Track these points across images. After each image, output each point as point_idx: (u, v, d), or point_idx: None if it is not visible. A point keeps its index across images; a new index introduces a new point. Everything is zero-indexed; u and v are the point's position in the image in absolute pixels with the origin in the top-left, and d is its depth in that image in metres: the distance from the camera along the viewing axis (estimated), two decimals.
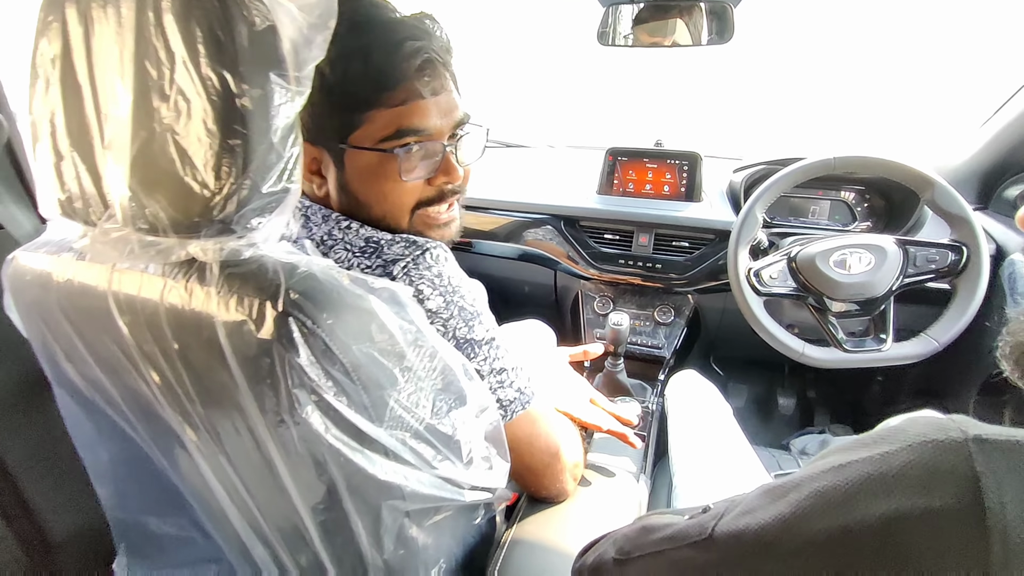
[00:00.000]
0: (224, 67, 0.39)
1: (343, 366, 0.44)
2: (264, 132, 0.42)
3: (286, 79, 0.42)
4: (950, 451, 0.30)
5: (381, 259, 0.57)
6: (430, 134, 0.59)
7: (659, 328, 1.30)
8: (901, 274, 0.95)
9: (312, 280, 0.44)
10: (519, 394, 0.61)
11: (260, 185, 0.43)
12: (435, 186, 0.62)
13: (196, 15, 0.39)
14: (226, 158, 0.41)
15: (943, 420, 0.33)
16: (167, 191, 0.42)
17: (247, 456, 0.51)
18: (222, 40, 0.39)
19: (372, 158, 0.58)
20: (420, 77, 0.56)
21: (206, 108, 0.40)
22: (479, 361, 0.58)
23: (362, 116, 0.57)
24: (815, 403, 1.66)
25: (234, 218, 0.43)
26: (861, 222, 1.26)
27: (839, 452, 0.38)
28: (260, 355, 0.43)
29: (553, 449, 0.65)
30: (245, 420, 0.48)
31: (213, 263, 0.45)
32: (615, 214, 1.27)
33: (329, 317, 0.43)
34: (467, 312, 0.57)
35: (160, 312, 0.46)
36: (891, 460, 0.32)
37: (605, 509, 0.70)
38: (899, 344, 0.96)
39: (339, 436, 0.45)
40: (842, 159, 0.97)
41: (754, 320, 0.98)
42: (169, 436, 0.55)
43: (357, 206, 0.61)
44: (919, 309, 1.07)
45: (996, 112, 1.13)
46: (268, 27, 0.41)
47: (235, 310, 0.43)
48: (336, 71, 0.54)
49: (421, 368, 0.47)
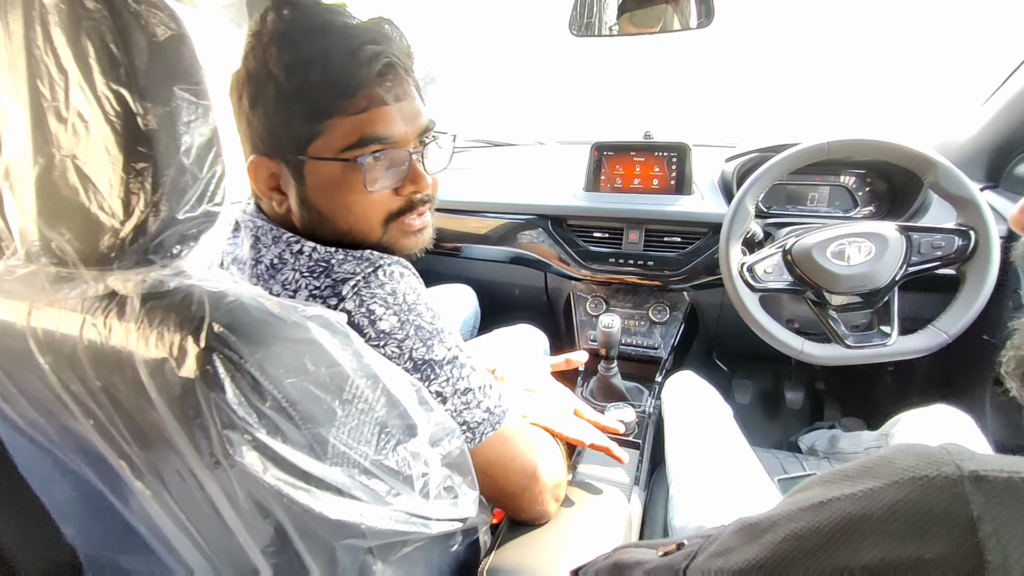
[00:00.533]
0: (121, 84, 0.36)
1: (276, 402, 0.40)
2: (173, 153, 0.38)
3: (196, 93, 0.39)
4: (943, 490, 0.26)
5: (331, 279, 0.53)
6: (394, 141, 0.55)
7: (655, 327, 1.25)
8: (904, 263, 0.89)
9: (239, 311, 0.41)
10: (488, 414, 0.57)
11: (176, 210, 0.39)
12: (403, 196, 0.59)
13: (86, 27, 0.35)
14: (133, 183, 0.37)
15: (935, 452, 0.28)
16: (72, 222, 0.38)
17: (191, 498, 0.47)
18: (116, 55, 0.36)
19: (334, 169, 0.55)
20: (381, 82, 0.53)
21: (106, 130, 0.36)
22: (440, 383, 0.54)
23: (321, 125, 0.53)
24: (824, 396, 1.60)
25: (150, 247, 0.40)
26: (863, 207, 1.20)
27: (820, 485, 0.33)
28: (185, 395, 0.40)
29: (530, 470, 0.61)
30: (183, 461, 0.44)
31: (134, 296, 0.42)
32: (603, 211, 1.23)
33: (257, 350, 0.40)
34: (425, 331, 0.53)
35: (80, 350, 0.42)
36: (877, 499, 0.28)
37: (591, 530, 0.66)
38: (905, 337, 0.90)
39: (279, 476, 0.42)
40: (837, 143, 0.91)
41: (749, 317, 0.93)
42: (115, 476, 0.52)
43: (321, 221, 0.58)
44: (925, 297, 1.01)
45: (1001, 85, 1.06)
46: (172, 37, 0.38)
47: (155, 347, 0.40)
48: (292, 79, 0.51)
49: (361, 400, 0.43)
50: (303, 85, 0.52)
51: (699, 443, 0.90)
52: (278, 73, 0.51)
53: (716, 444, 0.89)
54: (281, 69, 0.51)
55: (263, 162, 0.56)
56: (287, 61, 0.51)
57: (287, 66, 0.51)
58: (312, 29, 0.52)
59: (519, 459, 0.60)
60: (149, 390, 0.41)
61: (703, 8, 1.12)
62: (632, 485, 0.81)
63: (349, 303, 0.51)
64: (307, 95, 0.52)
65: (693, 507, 0.80)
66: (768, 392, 1.66)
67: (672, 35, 1.18)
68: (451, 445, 0.51)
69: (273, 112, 0.53)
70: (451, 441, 0.51)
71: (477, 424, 0.56)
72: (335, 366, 0.42)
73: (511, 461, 0.60)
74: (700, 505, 0.79)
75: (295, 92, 0.52)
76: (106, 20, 0.35)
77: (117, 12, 0.36)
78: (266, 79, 0.52)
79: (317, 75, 0.51)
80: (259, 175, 0.56)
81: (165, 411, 0.41)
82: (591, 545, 0.63)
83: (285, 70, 0.51)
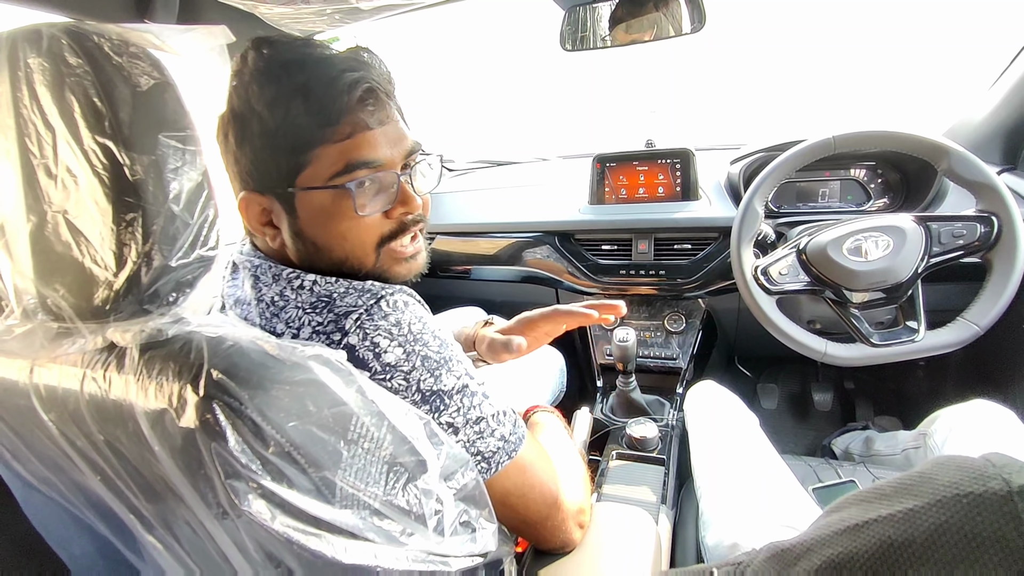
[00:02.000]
0: (106, 137, 0.36)
1: (279, 447, 0.39)
2: (162, 200, 0.38)
3: (183, 139, 0.39)
4: (992, 510, 0.24)
5: (333, 313, 0.52)
6: (381, 164, 0.55)
7: (671, 337, 1.22)
8: (925, 255, 0.86)
9: (237, 355, 0.40)
10: (503, 443, 0.55)
11: (169, 258, 0.39)
12: (394, 218, 0.59)
13: (70, 83, 0.36)
14: (124, 234, 0.37)
15: (979, 465, 0.26)
16: (66, 277, 0.38)
17: (202, 550, 0.46)
18: (100, 108, 0.36)
19: (325, 198, 0.55)
20: (363, 107, 0.53)
21: (94, 183, 0.36)
22: (451, 413, 0.52)
23: (308, 155, 0.53)
24: (855, 395, 1.55)
25: (144, 297, 0.39)
26: (877, 200, 1.17)
27: (855, 505, 0.31)
28: (186, 446, 0.39)
29: (551, 498, 0.59)
30: (191, 512, 0.43)
31: (132, 347, 0.41)
32: (609, 223, 1.21)
33: (257, 394, 0.38)
34: (432, 361, 0.52)
35: (82, 405, 0.42)
36: (918, 521, 0.26)
37: (620, 556, 0.63)
38: (934, 332, 0.86)
39: (288, 523, 0.40)
40: (842, 137, 0.89)
41: (767, 322, 0.90)
42: (127, 530, 0.51)
43: (316, 252, 0.57)
44: (952, 288, 0.97)
45: (1009, 65, 1.04)
46: (155, 85, 0.38)
47: (155, 397, 0.39)
48: (276, 114, 0.51)
49: (367, 439, 0.41)
50: (286, 118, 0.52)
51: (726, 456, 0.87)
52: (261, 110, 0.51)
53: (744, 456, 0.86)
54: (264, 105, 0.51)
55: (253, 198, 0.56)
56: (269, 97, 0.51)
57: (270, 102, 0.51)
58: (291, 63, 0.52)
59: (538, 487, 0.58)
60: (151, 442, 0.40)
61: (695, 13, 1.12)
62: (659, 504, 0.79)
63: (353, 337, 0.50)
64: (291, 128, 0.52)
65: (725, 524, 0.76)
66: (795, 395, 1.61)
67: (666, 41, 1.17)
68: (465, 478, 0.49)
69: (260, 148, 0.53)
70: (465, 474, 0.49)
71: (492, 453, 0.54)
72: (338, 406, 0.41)
73: (530, 489, 0.58)
74: (733, 521, 0.76)
75: (279, 126, 0.52)
76: (88, 75, 0.35)
77: (99, 66, 0.36)
78: (250, 116, 0.52)
79: (299, 107, 0.52)
80: (250, 211, 0.56)
81: (169, 463, 0.40)
82: (619, 572, 0.60)
83: (268, 106, 0.51)
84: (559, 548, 0.62)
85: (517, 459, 0.56)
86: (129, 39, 0.38)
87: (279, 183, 0.55)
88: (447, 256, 1.40)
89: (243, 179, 0.55)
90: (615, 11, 1.18)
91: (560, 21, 1.08)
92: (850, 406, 1.54)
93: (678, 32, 1.15)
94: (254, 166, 0.54)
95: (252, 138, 0.53)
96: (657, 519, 0.73)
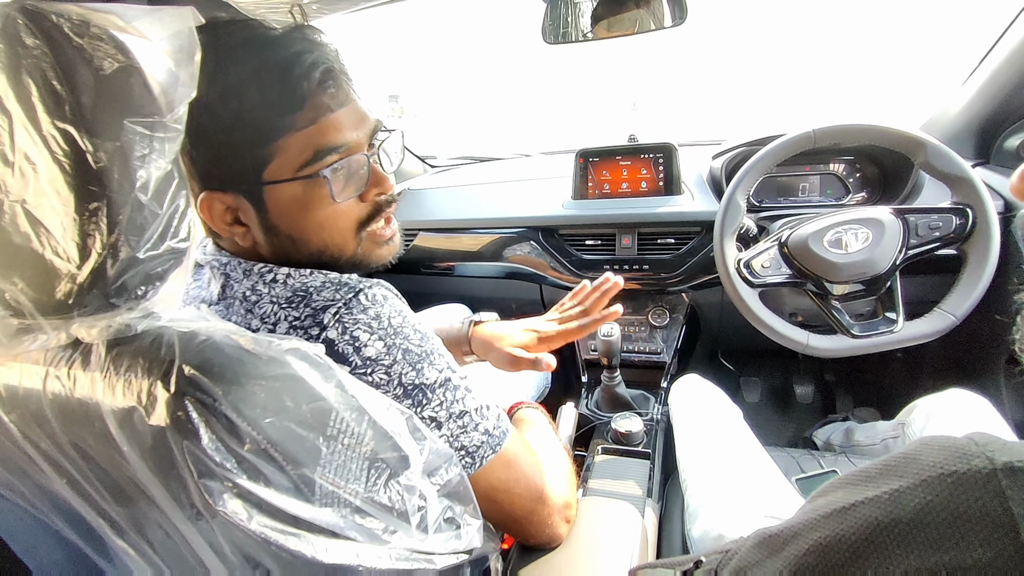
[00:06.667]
0: (67, 122, 0.34)
1: (255, 444, 0.38)
2: (128, 189, 0.36)
3: (150, 125, 0.37)
4: (976, 486, 0.24)
5: (310, 307, 0.51)
6: (349, 148, 0.53)
7: (655, 332, 1.23)
8: (903, 246, 0.87)
9: (211, 350, 0.39)
10: (487, 437, 0.54)
11: (137, 249, 0.37)
12: (368, 201, 0.57)
13: (27, 65, 0.34)
14: (87, 225, 0.35)
15: (962, 444, 0.26)
16: (25, 270, 0.36)
17: (176, 553, 0.44)
18: (60, 92, 0.34)
19: (296, 189, 0.52)
20: (324, 90, 0.51)
21: (55, 171, 0.34)
22: (434, 407, 0.51)
23: (272, 147, 0.50)
24: (835, 387, 1.57)
25: (111, 290, 0.37)
26: (855, 194, 1.19)
27: (841, 488, 0.31)
28: (157, 445, 0.37)
29: (536, 492, 0.58)
30: (164, 515, 0.42)
31: (99, 343, 0.39)
32: (593, 218, 1.21)
33: (231, 390, 0.37)
34: (413, 354, 0.51)
35: (45, 405, 0.40)
36: (904, 501, 0.26)
37: (606, 550, 0.63)
38: (912, 323, 0.88)
39: (266, 523, 0.39)
40: (822, 130, 0.90)
41: (750, 314, 0.91)
42: (95, 535, 0.49)
43: (293, 245, 0.56)
44: (929, 280, 0.99)
45: (981, 61, 1.06)
46: (119, 68, 0.36)
47: (123, 395, 0.38)
48: (230, 106, 0.48)
49: (347, 434, 0.40)
50: (243, 109, 0.49)
51: (711, 448, 0.87)
52: (213, 102, 0.47)
53: (728, 448, 0.86)
54: (216, 97, 0.47)
55: (216, 197, 0.52)
56: (220, 88, 0.47)
57: (221, 93, 0.48)
58: (235, 49, 0.49)
59: (523, 481, 0.57)
60: (120, 442, 0.38)
61: (676, 7, 1.12)
62: (645, 497, 0.78)
63: (331, 331, 0.49)
64: (250, 119, 0.49)
65: (711, 516, 0.76)
66: (777, 388, 1.63)
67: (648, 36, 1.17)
68: (449, 473, 0.48)
69: (218, 144, 0.50)
70: (449, 469, 0.48)
71: (476, 448, 0.53)
72: (316, 401, 0.39)
73: (515, 484, 0.57)
74: (718, 513, 0.76)
75: (237, 118, 0.49)
76: (47, 57, 0.34)
77: (59, 47, 0.34)
78: (200, 111, 0.45)
79: (255, 96, 0.49)
80: (214, 212, 0.53)
81: (139, 464, 0.39)
82: (606, 566, 0.60)
83: (220, 98, 0.48)
84: (545, 543, 0.62)
85: (501, 453, 0.55)
86: (91, 20, 0.36)
87: (244, 179, 0.52)
88: (430, 253, 1.38)
89: (202, 178, 0.52)
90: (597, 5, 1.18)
91: (542, 15, 1.07)
92: (830, 398, 1.56)
93: (659, 26, 1.15)
94: (213, 164, 0.51)
95: (207, 134, 0.48)
96: (643, 513, 0.73)
